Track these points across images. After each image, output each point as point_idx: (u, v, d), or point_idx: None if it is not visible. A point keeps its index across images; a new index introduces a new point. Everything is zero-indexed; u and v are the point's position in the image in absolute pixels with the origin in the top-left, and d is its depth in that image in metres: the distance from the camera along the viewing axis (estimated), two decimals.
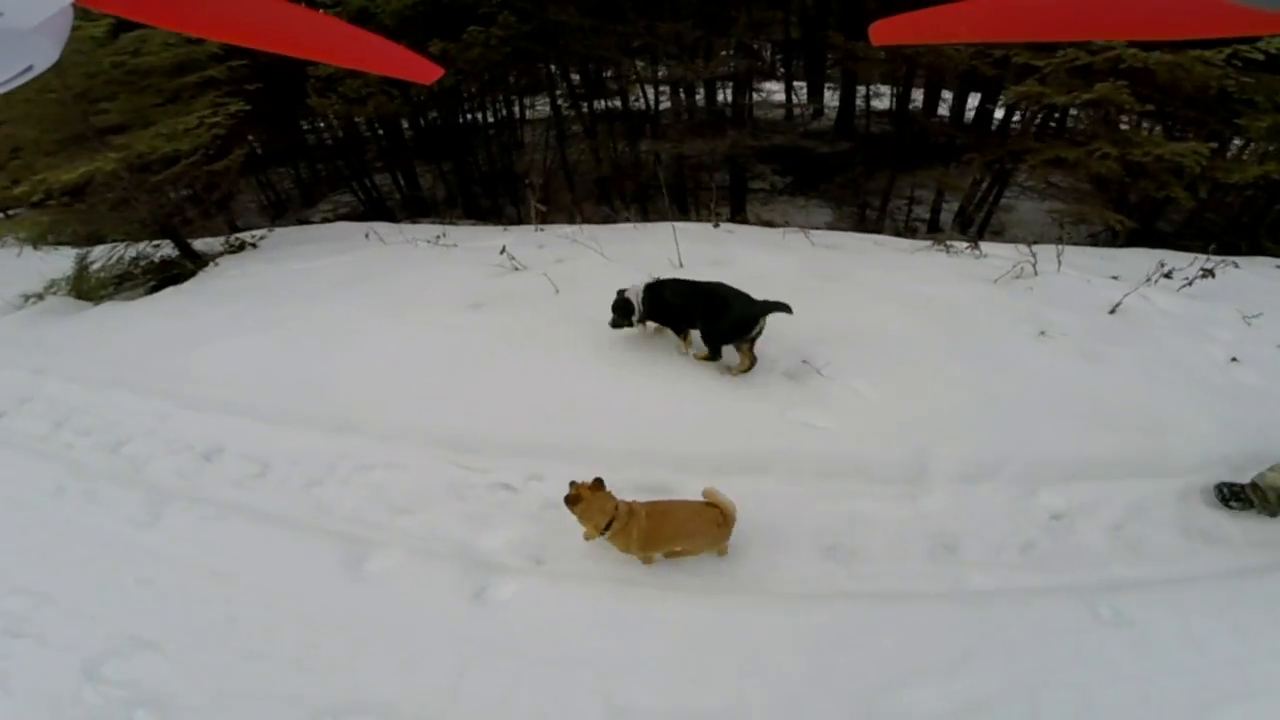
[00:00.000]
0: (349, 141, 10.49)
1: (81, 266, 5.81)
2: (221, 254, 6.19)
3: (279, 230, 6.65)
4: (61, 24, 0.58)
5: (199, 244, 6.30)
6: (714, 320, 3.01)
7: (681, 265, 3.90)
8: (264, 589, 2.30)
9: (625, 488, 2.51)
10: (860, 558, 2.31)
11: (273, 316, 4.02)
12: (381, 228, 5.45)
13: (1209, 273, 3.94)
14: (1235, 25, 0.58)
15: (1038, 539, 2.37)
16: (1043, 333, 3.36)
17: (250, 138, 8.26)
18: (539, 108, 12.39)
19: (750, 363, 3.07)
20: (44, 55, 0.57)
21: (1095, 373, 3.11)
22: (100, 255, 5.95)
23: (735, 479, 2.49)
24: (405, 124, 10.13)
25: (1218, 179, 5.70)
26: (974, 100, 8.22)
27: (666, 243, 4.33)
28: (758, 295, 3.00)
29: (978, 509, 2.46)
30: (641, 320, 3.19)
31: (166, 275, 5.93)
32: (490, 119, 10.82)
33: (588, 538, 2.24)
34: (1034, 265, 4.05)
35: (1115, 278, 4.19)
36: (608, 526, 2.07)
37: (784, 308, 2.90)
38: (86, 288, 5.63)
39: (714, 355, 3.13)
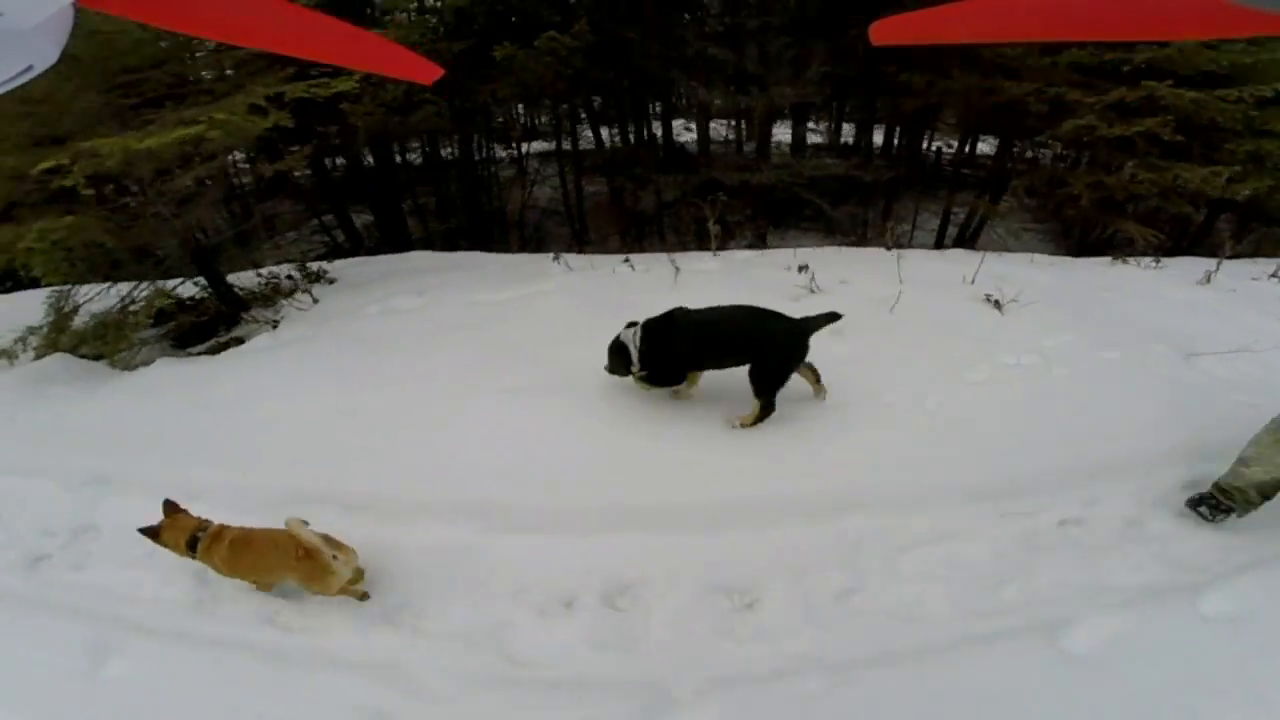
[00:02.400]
0: (318, 173, 9.06)
1: (60, 312, 4.23)
2: (272, 295, 4.86)
3: (340, 263, 5.54)
4: (61, 24, 0.58)
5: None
6: (768, 348, 2.57)
7: (973, 282, 3.96)
8: None
9: None
10: None
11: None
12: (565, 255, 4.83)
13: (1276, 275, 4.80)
14: (1237, 26, 0.57)
15: None
16: None
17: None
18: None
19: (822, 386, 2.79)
20: (44, 56, 0.57)
21: None
22: (93, 296, 4.36)
23: None
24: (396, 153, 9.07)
25: (1216, 197, 6.95)
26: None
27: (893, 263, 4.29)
28: None
29: None
30: (641, 367, 2.68)
31: (192, 323, 4.59)
32: (479, 153, 9.97)
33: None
34: (1209, 276, 4.58)
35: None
36: (193, 546, 2.01)
37: (835, 316, 2.67)
38: (80, 341, 4.06)
39: (771, 400, 2.63)
